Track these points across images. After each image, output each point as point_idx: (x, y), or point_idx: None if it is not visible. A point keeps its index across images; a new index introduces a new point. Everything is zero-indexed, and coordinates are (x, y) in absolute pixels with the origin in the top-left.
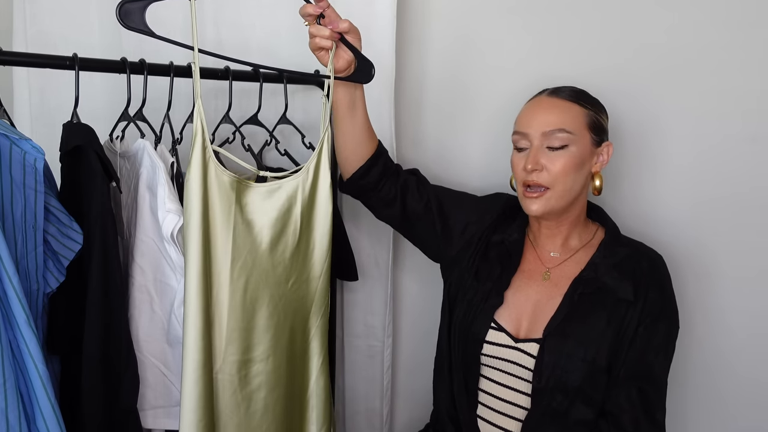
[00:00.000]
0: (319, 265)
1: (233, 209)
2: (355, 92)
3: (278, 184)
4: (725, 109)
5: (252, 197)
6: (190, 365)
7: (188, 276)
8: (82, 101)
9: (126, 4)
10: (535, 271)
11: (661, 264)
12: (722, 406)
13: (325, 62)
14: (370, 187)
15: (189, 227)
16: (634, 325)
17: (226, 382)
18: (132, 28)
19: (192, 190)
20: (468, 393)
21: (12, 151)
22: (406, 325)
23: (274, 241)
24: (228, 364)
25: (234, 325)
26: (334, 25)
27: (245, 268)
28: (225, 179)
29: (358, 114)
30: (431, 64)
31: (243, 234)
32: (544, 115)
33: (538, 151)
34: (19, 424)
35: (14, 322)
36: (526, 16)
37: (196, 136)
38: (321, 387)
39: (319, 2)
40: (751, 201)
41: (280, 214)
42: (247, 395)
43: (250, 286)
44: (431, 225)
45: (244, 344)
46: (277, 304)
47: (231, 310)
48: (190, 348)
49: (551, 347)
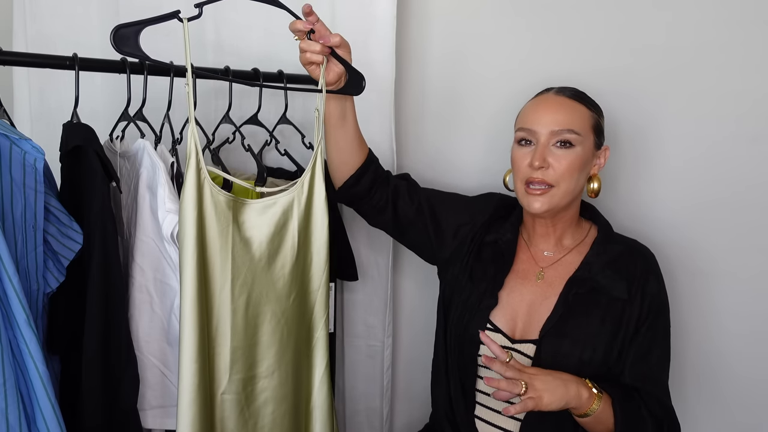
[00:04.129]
0: (318, 278)
1: (231, 228)
2: (346, 104)
3: (273, 199)
4: (723, 109)
5: (248, 214)
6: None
7: (184, 301)
8: (82, 101)
9: (121, 29)
10: (529, 271)
11: (653, 260)
12: (719, 404)
13: (316, 76)
14: (361, 194)
15: (184, 251)
16: (634, 323)
17: (233, 402)
18: (127, 53)
19: (187, 213)
20: (465, 394)
21: (12, 151)
22: (406, 325)
23: (273, 256)
24: (234, 383)
25: (237, 344)
26: (325, 39)
27: (246, 286)
28: (221, 199)
29: (348, 125)
30: (431, 70)
31: (242, 252)
32: (552, 113)
33: (545, 149)
34: (19, 424)
35: (14, 321)
36: (524, 20)
37: (189, 158)
38: (323, 398)
39: (308, 17)
40: (748, 201)
41: (277, 228)
42: (254, 412)
43: (252, 303)
44: (424, 229)
45: (249, 361)
46: (279, 319)
47: (234, 328)
48: (186, 372)
49: (548, 348)
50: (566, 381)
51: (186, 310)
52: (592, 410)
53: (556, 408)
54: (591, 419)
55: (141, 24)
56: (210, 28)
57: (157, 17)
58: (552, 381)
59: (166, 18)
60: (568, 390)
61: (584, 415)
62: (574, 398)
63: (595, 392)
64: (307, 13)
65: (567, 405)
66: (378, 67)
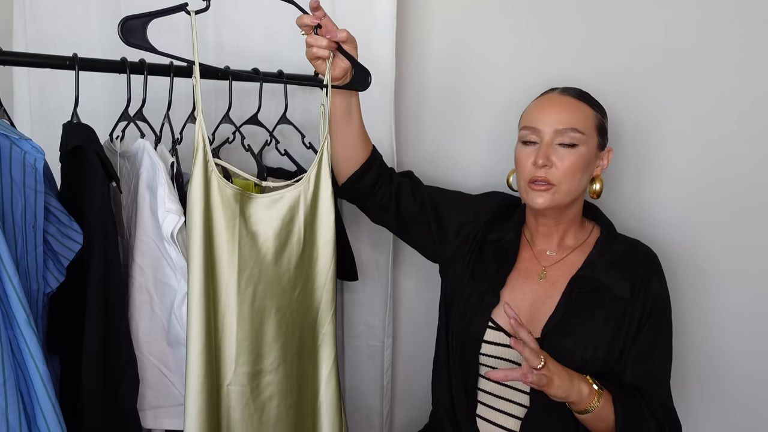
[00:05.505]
0: (323, 274)
1: (237, 221)
2: (351, 99)
3: (280, 194)
4: (724, 109)
5: (255, 208)
6: (193, 380)
7: (191, 292)
8: (82, 101)
9: (128, 21)
10: (531, 270)
11: (656, 261)
12: (721, 403)
13: (322, 71)
14: (365, 191)
15: (192, 242)
16: (636, 323)
17: (238, 394)
18: (134, 45)
19: (194, 206)
20: (467, 393)
21: (12, 151)
22: (406, 325)
23: (279, 251)
24: (239, 376)
25: (243, 336)
26: (332, 34)
27: (252, 279)
28: (228, 192)
29: (353, 121)
30: (431, 67)
31: (248, 245)
32: (557, 113)
33: (548, 148)
34: (19, 424)
35: (14, 321)
36: (525, 19)
37: (197, 151)
38: (331, 393)
39: (315, 12)
40: (749, 201)
41: (284, 223)
42: (259, 405)
43: (258, 296)
44: (426, 226)
45: (254, 355)
46: (285, 313)
47: (240, 320)
48: (193, 363)
49: (550, 346)
50: (570, 374)
51: (193, 302)
52: (592, 407)
53: (560, 396)
54: (591, 416)
55: (149, 16)
56: (211, 28)
57: (164, 9)
58: (561, 370)
59: (173, 10)
60: (572, 382)
61: (584, 411)
62: (575, 393)
63: (595, 389)
64: (315, 8)
65: (568, 398)
66: (378, 64)
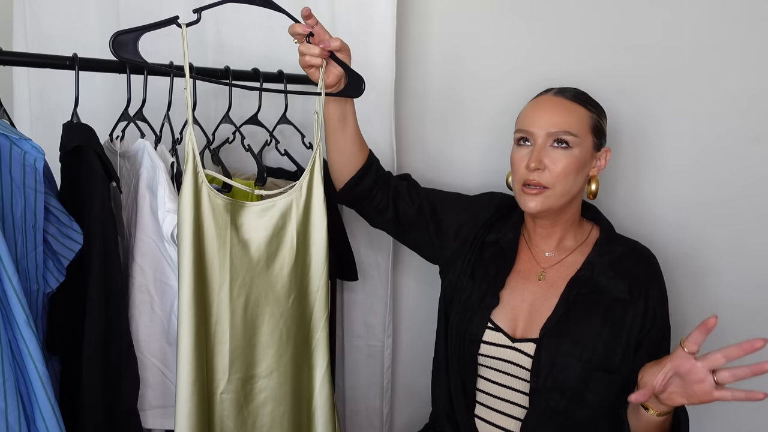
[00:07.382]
0: (317, 280)
1: (229, 230)
2: (346, 106)
3: (272, 202)
4: (722, 108)
5: (247, 217)
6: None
7: (181, 301)
8: (82, 101)
9: (119, 36)
10: (530, 272)
11: (655, 263)
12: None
13: (316, 79)
14: (363, 195)
15: (182, 253)
16: (638, 325)
17: (232, 402)
18: (126, 59)
19: (184, 215)
20: (465, 394)
21: (12, 151)
22: (406, 325)
23: (271, 258)
24: (233, 383)
25: (236, 343)
26: (325, 43)
27: (244, 287)
28: (219, 202)
29: (348, 127)
30: (431, 69)
31: (240, 254)
32: (549, 115)
33: (541, 151)
34: (18, 424)
35: (14, 322)
36: (524, 21)
37: (187, 161)
38: (325, 398)
39: (307, 20)
40: (748, 200)
41: (275, 231)
42: (253, 411)
43: (250, 303)
44: (425, 229)
45: (247, 361)
46: (278, 320)
47: (233, 328)
48: (183, 369)
49: (548, 347)
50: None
51: (183, 310)
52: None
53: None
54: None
55: (139, 30)
56: (210, 28)
57: (155, 23)
58: None
59: (164, 24)
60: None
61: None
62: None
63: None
64: (306, 16)
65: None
66: (378, 67)
